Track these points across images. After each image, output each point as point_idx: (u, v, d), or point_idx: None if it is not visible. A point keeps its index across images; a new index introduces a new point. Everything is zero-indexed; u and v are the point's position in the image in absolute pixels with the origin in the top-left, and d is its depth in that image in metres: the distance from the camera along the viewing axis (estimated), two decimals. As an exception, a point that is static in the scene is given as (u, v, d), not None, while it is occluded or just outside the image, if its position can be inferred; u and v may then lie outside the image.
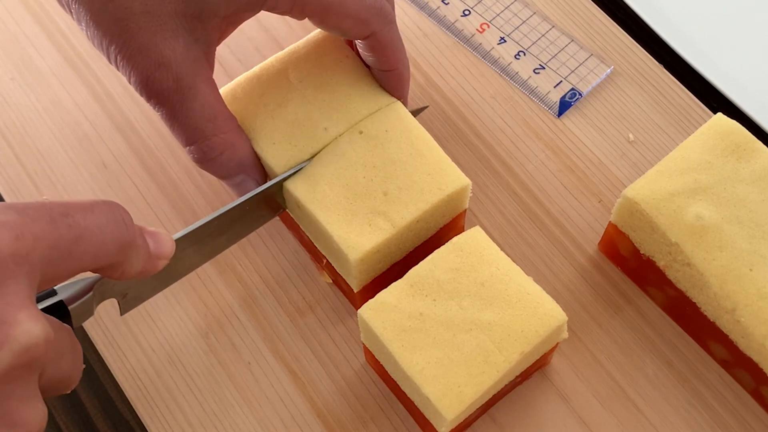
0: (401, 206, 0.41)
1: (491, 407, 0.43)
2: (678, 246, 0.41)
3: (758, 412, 0.43)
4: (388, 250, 0.42)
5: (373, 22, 0.41)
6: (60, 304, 0.36)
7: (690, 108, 0.52)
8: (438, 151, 0.43)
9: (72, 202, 0.33)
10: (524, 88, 0.53)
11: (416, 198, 0.41)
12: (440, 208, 0.42)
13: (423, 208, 0.41)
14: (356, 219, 0.41)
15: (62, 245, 0.31)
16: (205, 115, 0.40)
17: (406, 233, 0.42)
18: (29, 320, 0.29)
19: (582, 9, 0.56)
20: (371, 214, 0.41)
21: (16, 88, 0.53)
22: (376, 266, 0.42)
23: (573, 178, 0.50)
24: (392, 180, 0.41)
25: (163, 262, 0.37)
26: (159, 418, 0.44)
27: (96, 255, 0.32)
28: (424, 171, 0.42)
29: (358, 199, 0.41)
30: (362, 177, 0.41)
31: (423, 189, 0.41)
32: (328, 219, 0.41)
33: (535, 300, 0.39)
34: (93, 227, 0.32)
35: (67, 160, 0.51)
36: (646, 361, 0.45)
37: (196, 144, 0.40)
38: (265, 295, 0.47)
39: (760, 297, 0.39)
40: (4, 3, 0.56)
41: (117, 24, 0.37)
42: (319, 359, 0.45)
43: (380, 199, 0.41)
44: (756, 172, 0.42)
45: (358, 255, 0.40)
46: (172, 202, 0.49)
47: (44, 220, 0.30)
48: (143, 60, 0.38)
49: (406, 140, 0.42)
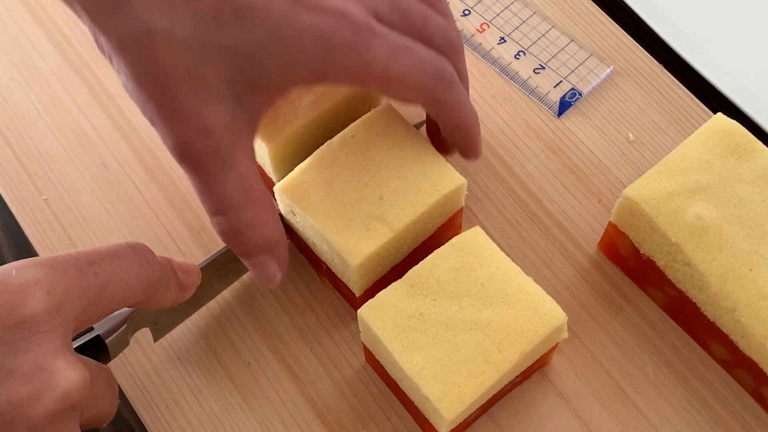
0: (398, 209, 0.41)
1: (491, 407, 0.43)
2: (678, 246, 0.41)
3: (758, 412, 0.43)
4: (388, 253, 0.42)
5: (433, 89, 0.39)
6: (97, 338, 0.39)
7: (690, 108, 0.52)
8: (431, 151, 0.43)
9: (98, 250, 0.35)
10: (524, 88, 0.53)
11: (412, 200, 0.41)
12: (437, 208, 0.42)
13: (420, 210, 0.41)
14: (354, 224, 0.40)
15: (91, 293, 0.34)
16: (239, 188, 0.37)
17: (404, 235, 0.42)
18: (68, 367, 0.32)
19: (582, 9, 0.56)
20: (368, 219, 0.41)
21: (16, 88, 0.53)
22: (376, 269, 0.42)
23: (573, 178, 0.50)
24: (387, 183, 0.41)
25: (192, 291, 0.40)
26: (159, 418, 0.44)
27: (124, 296, 0.35)
28: (419, 172, 0.42)
29: (354, 204, 0.41)
30: (357, 182, 0.41)
31: (419, 191, 0.41)
32: (325, 225, 0.41)
33: (535, 300, 0.39)
34: (119, 272, 0.35)
35: (67, 160, 0.51)
36: (646, 361, 0.45)
37: (226, 215, 0.37)
38: (265, 295, 0.47)
39: (760, 297, 0.39)
40: (4, 3, 0.56)
41: (159, 85, 0.35)
42: (319, 359, 0.45)
43: (376, 203, 0.41)
44: (756, 172, 0.42)
45: (359, 260, 0.40)
46: (172, 202, 0.49)
47: (73, 272, 0.33)
48: (183, 125, 0.35)
49: (398, 143, 0.42)
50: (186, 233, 0.48)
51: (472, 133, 0.43)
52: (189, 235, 0.48)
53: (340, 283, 0.44)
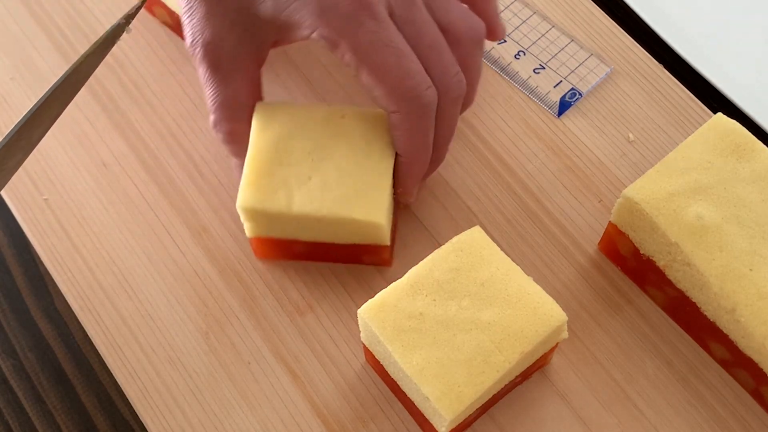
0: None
1: (491, 407, 0.43)
2: (678, 246, 0.41)
3: (758, 412, 0.43)
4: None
5: (397, 103, 0.40)
6: None
7: (690, 108, 0.52)
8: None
9: None
10: (524, 88, 0.53)
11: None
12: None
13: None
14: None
15: None
16: (230, 101, 0.43)
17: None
18: None
19: (582, 9, 0.56)
20: None
21: (16, 88, 0.53)
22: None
23: (573, 178, 0.50)
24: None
25: None
26: (159, 418, 0.44)
27: None
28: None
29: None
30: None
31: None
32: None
33: (535, 300, 0.39)
34: None
35: (67, 160, 0.51)
36: (646, 361, 0.45)
37: (213, 116, 0.44)
38: (265, 295, 0.47)
39: (760, 297, 0.39)
40: (4, 3, 0.56)
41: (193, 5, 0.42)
42: (319, 359, 0.45)
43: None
44: (756, 172, 0.42)
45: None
46: (172, 202, 0.49)
47: None
48: (200, 37, 0.42)
49: None
50: (186, 233, 0.48)
51: (408, 172, 0.43)
52: (189, 235, 0.48)
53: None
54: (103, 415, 0.46)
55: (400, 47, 0.39)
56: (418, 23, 0.40)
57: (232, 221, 0.49)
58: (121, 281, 0.47)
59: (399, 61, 0.39)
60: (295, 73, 0.53)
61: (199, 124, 0.52)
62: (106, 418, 0.45)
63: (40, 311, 0.48)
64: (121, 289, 0.47)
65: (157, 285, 0.47)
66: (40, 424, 0.46)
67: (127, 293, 0.47)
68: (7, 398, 0.46)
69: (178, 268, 0.47)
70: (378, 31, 0.39)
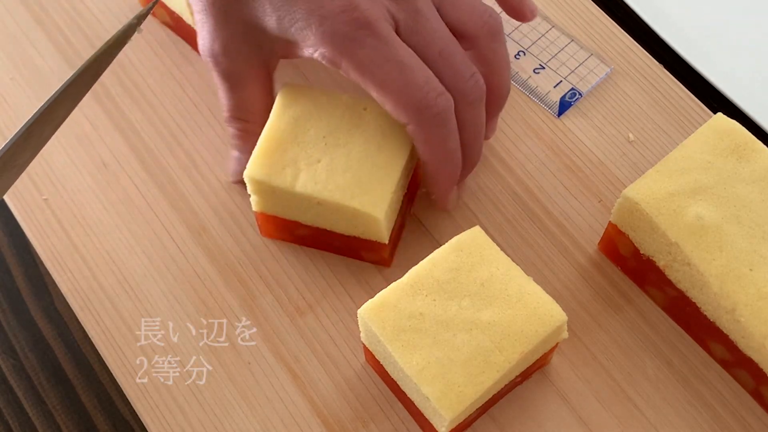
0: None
1: (491, 407, 0.43)
2: (678, 246, 0.41)
3: (758, 412, 0.43)
4: None
5: (411, 117, 0.40)
6: None
7: (690, 108, 0.52)
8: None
9: None
10: (524, 88, 0.53)
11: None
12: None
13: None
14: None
15: None
16: (241, 105, 0.46)
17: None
18: None
19: (582, 9, 0.56)
20: None
21: (16, 88, 0.53)
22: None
23: (573, 178, 0.50)
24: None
25: None
26: (159, 418, 0.44)
27: None
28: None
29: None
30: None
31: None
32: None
33: (535, 300, 0.39)
34: None
35: (67, 160, 0.51)
36: (646, 361, 0.45)
37: (227, 116, 0.46)
38: (265, 295, 0.47)
39: (760, 297, 0.39)
40: (4, 3, 0.56)
41: (215, 13, 0.43)
42: (319, 359, 0.45)
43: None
44: (756, 172, 0.42)
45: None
46: (172, 202, 0.49)
47: None
48: (216, 48, 0.43)
49: None
50: (186, 233, 0.48)
51: (435, 180, 0.44)
52: (189, 235, 0.48)
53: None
54: (103, 415, 0.46)
55: (404, 61, 0.39)
56: (425, 32, 0.41)
57: (232, 221, 0.49)
58: (121, 281, 0.47)
59: (402, 74, 0.39)
60: (295, 73, 0.53)
61: (199, 124, 0.52)
62: (106, 418, 0.45)
63: (40, 311, 0.48)
64: (121, 289, 0.47)
65: (157, 285, 0.47)
66: (40, 424, 0.46)
67: (127, 293, 0.47)
68: (7, 398, 0.46)
69: (178, 268, 0.47)
70: (378, 48, 0.39)
